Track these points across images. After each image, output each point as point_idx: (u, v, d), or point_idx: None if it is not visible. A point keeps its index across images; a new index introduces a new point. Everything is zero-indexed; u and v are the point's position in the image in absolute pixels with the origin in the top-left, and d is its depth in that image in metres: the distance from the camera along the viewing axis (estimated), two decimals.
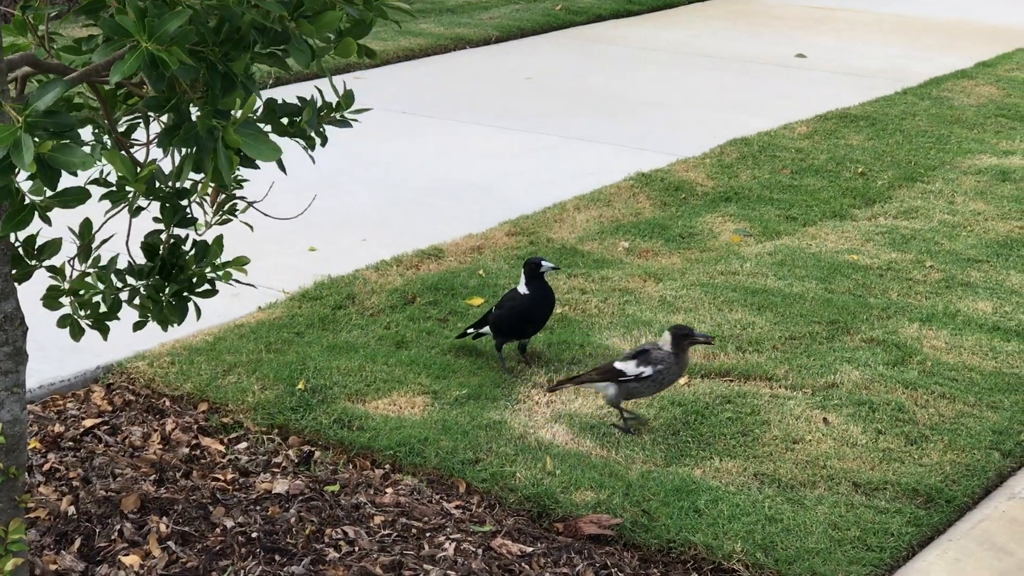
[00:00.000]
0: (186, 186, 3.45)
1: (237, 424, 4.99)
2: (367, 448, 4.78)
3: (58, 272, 3.56)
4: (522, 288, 5.41)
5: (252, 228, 3.95)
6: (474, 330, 5.57)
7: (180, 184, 3.31)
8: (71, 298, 3.60)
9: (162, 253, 3.59)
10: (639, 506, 4.43)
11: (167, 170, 3.40)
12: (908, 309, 6.20)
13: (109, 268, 3.54)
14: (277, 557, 4.11)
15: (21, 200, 3.03)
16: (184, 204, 3.51)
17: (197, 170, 3.09)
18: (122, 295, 3.59)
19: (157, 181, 3.35)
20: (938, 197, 8.09)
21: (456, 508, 4.47)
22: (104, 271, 3.55)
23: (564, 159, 8.97)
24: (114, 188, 3.31)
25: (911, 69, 12.06)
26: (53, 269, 3.53)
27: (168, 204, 3.46)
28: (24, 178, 2.84)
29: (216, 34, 2.93)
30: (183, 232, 3.65)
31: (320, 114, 3.40)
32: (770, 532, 4.31)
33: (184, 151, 3.20)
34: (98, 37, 3.23)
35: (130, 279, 3.61)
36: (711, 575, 4.19)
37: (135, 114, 3.54)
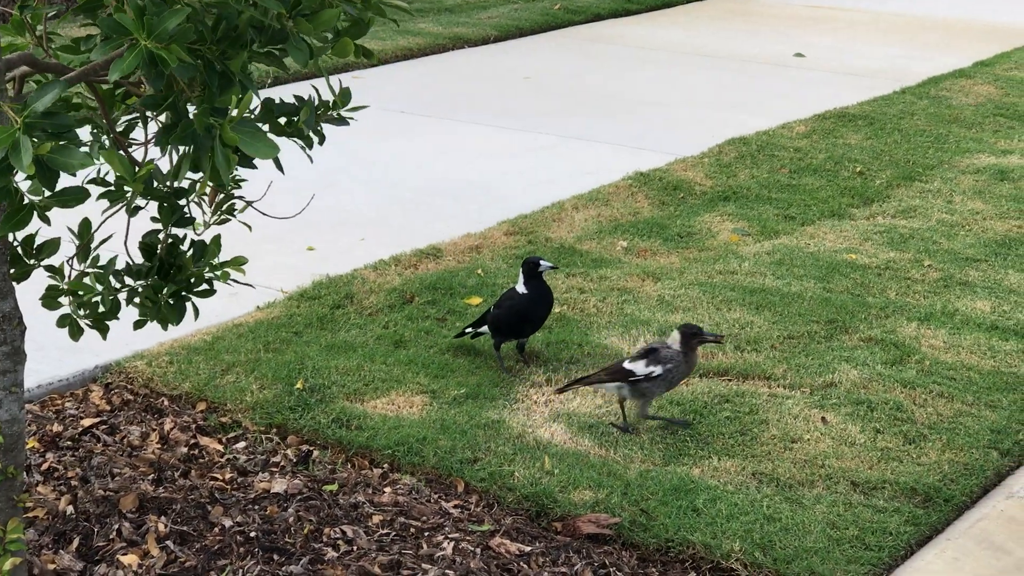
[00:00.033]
0: (184, 186, 3.44)
1: (235, 423, 4.99)
2: (365, 447, 4.78)
3: (56, 272, 3.55)
4: (520, 287, 5.41)
5: (250, 228, 3.95)
6: (472, 329, 5.57)
7: (179, 183, 3.31)
8: (70, 298, 3.60)
9: (160, 253, 3.59)
10: (637, 505, 4.43)
11: (165, 170, 3.40)
12: (906, 308, 6.20)
13: (107, 269, 3.54)
14: (275, 556, 4.11)
15: (20, 200, 3.03)
16: (182, 204, 3.51)
17: (195, 169, 3.09)
18: (120, 296, 3.59)
19: (155, 181, 3.35)
20: (936, 196, 8.09)
21: (454, 507, 4.47)
22: (103, 273, 3.54)
23: (562, 158, 8.97)
24: (112, 188, 3.31)
25: (910, 68, 12.06)
26: (52, 269, 3.53)
27: (166, 204, 3.46)
28: (22, 178, 2.84)
29: (213, 32, 2.93)
30: (181, 232, 3.65)
31: (317, 113, 3.39)
32: (768, 531, 4.31)
33: (182, 150, 3.20)
34: (96, 37, 3.23)
35: (128, 280, 3.61)
36: (709, 574, 4.19)
37: (133, 114, 3.55)
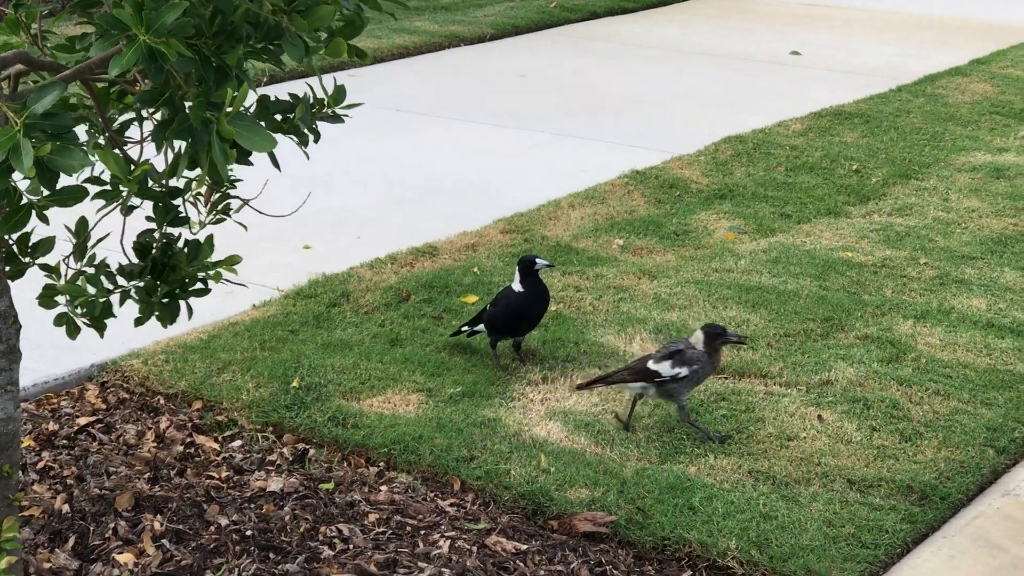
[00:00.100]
0: (179, 185, 3.44)
1: (231, 422, 4.99)
2: (361, 446, 4.78)
3: (52, 271, 3.55)
4: (516, 286, 5.40)
5: (246, 228, 3.94)
6: (469, 328, 5.57)
7: (177, 179, 3.30)
8: (67, 297, 3.59)
9: (154, 253, 3.58)
10: (634, 503, 4.43)
11: (161, 169, 3.40)
12: (902, 306, 6.20)
13: (99, 271, 3.53)
14: (271, 555, 4.11)
15: (19, 200, 3.02)
16: (176, 204, 3.50)
17: (192, 166, 3.08)
18: (114, 297, 3.57)
19: (150, 180, 3.35)
20: (932, 194, 8.09)
21: (451, 506, 4.46)
22: (94, 274, 3.53)
23: (558, 156, 8.97)
24: (108, 187, 3.30)
25: (906, 66, 12.06)
26: (47, 267, 3.52)
27: (160, 203, 3.45)
28: (20, 177, 2.83)
29: (210, 26, 2.93)
30: (176, 231, 3.65)
31: (312, 111, 3.39)
32: (765, 529, 4.31)
33: (179, 148, 3.20)
34: (91, 35, 3.22)
35: (121, 280, 3.60)
36: (706, 572, 4.19)
37: (129, 113, 3.54)
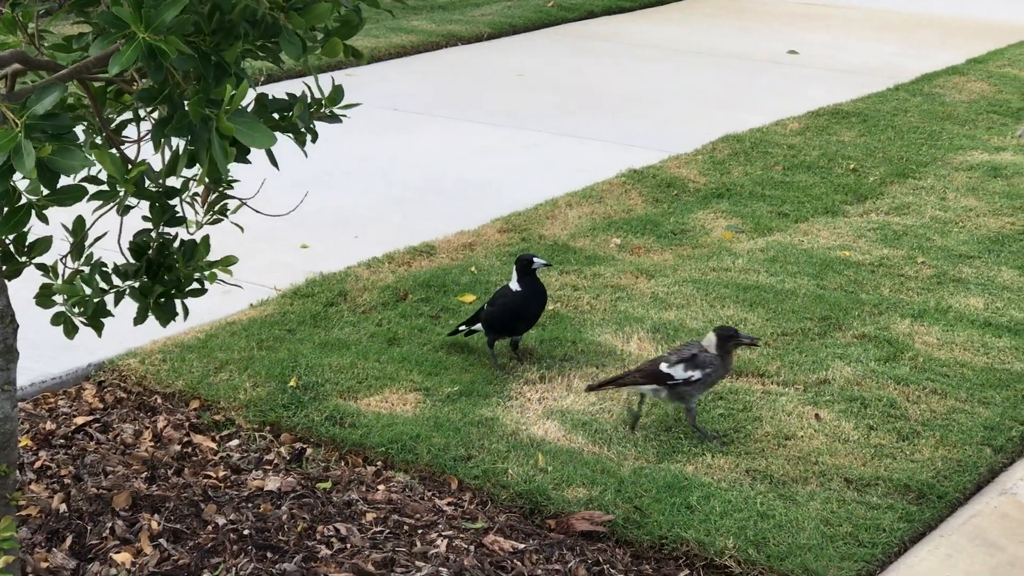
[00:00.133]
0: (175, 185, 3.44)
1: (229, 421, 4.99)
2: (359, 445, 4.78)
3: (48, 270, 3.54)
4: (514, 285, 5.40)
5: (242, 229, 3.93)
6: (466, 327, 5.57)
7: (177, 176, 3.30)
8: (64, 296, 3.58)
9: (150, 253, 3.58)
10: (631, 502, 4.43)
11: (158, 168, 3.39)
12: (900, 305, 6.21)
13: (94, 270, 3.52)
14: (269, 554, 4.11)
15: (18, 199, 3.02)
16: (173, 204, 3.50)
17: (191, 164, 3.08)
18: (109, 297, 3.57)
19: (147, 179, 3.34)
20: (930, 193, 8.09)
21: (448, 505, 4.46)
22: (89, 273, 3.53)
23: (556, 156, 8.97)
24: (105, 187, 3.30)
25: (903, 65, 12.06)
26: (43, 267, 3.51)
27: (157, 204, 3.45)
28: (19, 177, 2.83)
29: (208, 23, 2.93)
30: (173, 231, 3.64)
31: (310, 110, 3.39)
32: (762, 528, 4.31)
33: (176, 146, 3.20)
34: (88, 35, 3.22)
35: (116, 280, 3.59)
36: (703, 571, 4.19)
37: (126, 112, 3.53)
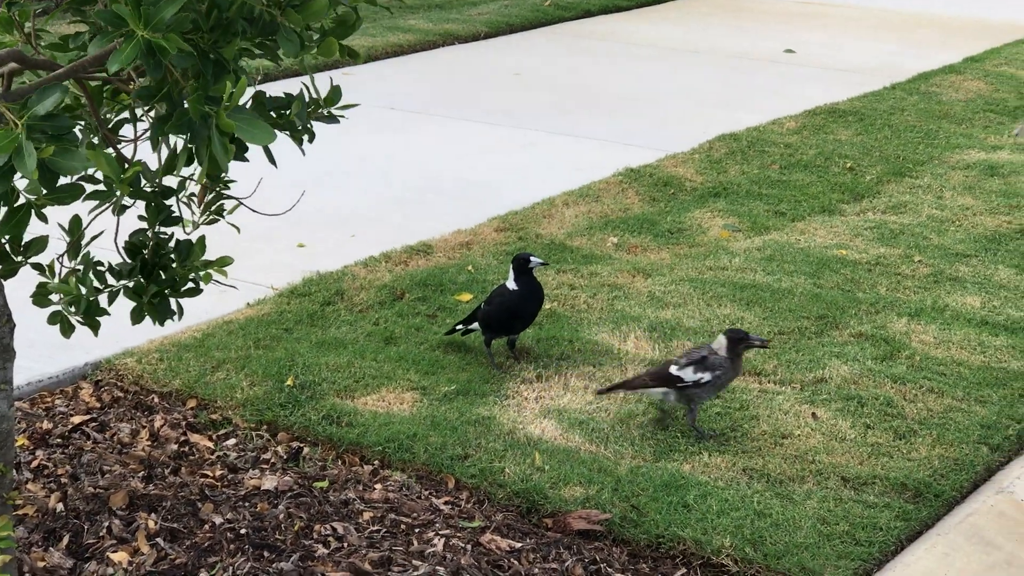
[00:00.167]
0: (172, 185, 3.43)
1: (226, 420, 4.98)
2: (356, 444, 4.78)
3: (43, 270, 3.53)
4: (511, 284, 5.40)
5: (239, 230, 3.93)
6: (463, 326, 5.57)
7: (176, 174, 3.30)
8: (61, 295, 3.58)
9: (145, 253, 3.57)
10: (628, 501, 4.43)
11: (154, 167, 3.39)
12: (897, 304, 6.21)
13: (87, 270, 3.52)
14: (266, 553, 4.10)
15: (16, 199, 3.01)
16: (169, 203, 3.50)
17: (190, 162, 3.07)
18: (103, 296, 3.56)
19: (143, 178, 3.34)
20: (926, 192, 8.10)
21: (445, 504, 4.47)
22: (83, 272, 3.52)
23: (553, 155, 8.97)
24: (101, 187, 3.30)
25: (900, 64, 12.07)
26: (38, 267, 3.51)
27: (152, 203, 3.44)
28: (18, 176, 2.82)
29: (206, 20, 2.93)
30: (169, 231, 3.64)
31: (308, 110, 3.39)
32: (759, 527, 4.31)
33: (175, 144, 3.19)
34: (84, 35, 3.22)
35: (111, 279, 3.59)
36: (700, 570, 4.19)
37: (124, 112, 3.53)
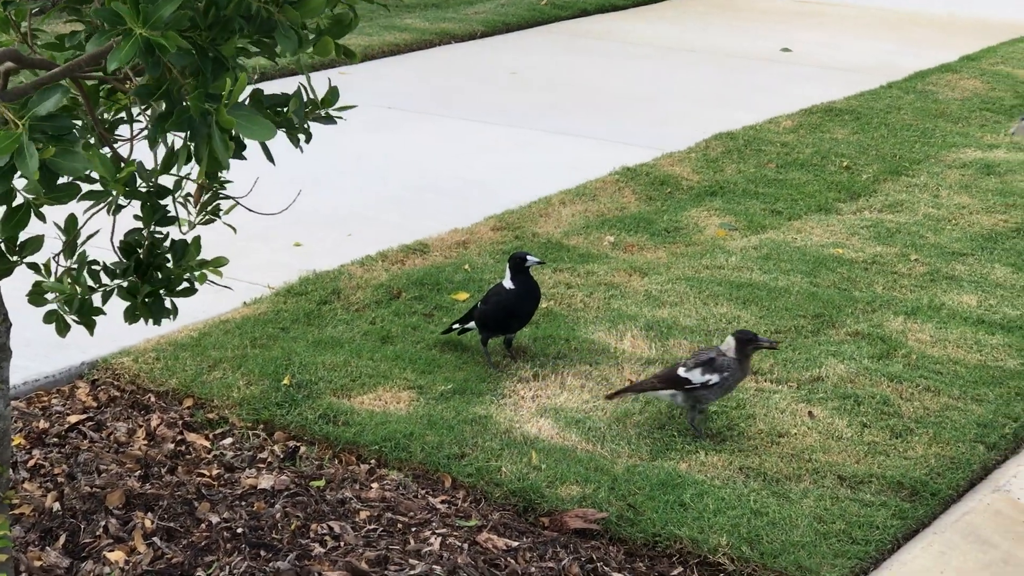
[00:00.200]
0: (167, 185, 3.43)
1: (222, 420, 4.98)
2: (352, 443, 4.78)
3: (39, 269, 3.53)
4: (507, 283, 5.40)
5: (235, 230, 3.92)
6: (460, 325, 5.57)
7: (177, 171, 3.30)
8: (56, 294, 3.58)
9: (140, 253, 3.57)
10: (625, 500, 4.43)
11: (150, 166, 3.39)
12: (893, 302, 6.21)
13: (82, 268, 3.52)
14: (262, 552, 4.10)
15: (14, 198, 3.01)
16: (164, 203, 3.50)
17: (190, 159, 3.07)
18: (97, 296, 3.56)
19: (139, 178, 3.34)
20: (923, 191, 8.11)
21: (442, 503, 4.47)
22: (77, 271, 3.52)
23: (549, 153, 8.97)
24: (97, 187, 3.29)
25: (896, 63, 12.08)
26: (34, 266, 3.51)
27: (147, 203, 3.44)
28: (17, 175, 2.82)
29: (204, 18, 2.93)
30: (165, 230, 3.63)
31: (306, 111, 3.39)
32: (755, 525, 4.31)
33: (172, 142, 3.19)
34: (80, 34, 3.22)
35: (105, 279, 3.59)
36: (696, 569, 4.19)
37: (122, 111, 3.53)
